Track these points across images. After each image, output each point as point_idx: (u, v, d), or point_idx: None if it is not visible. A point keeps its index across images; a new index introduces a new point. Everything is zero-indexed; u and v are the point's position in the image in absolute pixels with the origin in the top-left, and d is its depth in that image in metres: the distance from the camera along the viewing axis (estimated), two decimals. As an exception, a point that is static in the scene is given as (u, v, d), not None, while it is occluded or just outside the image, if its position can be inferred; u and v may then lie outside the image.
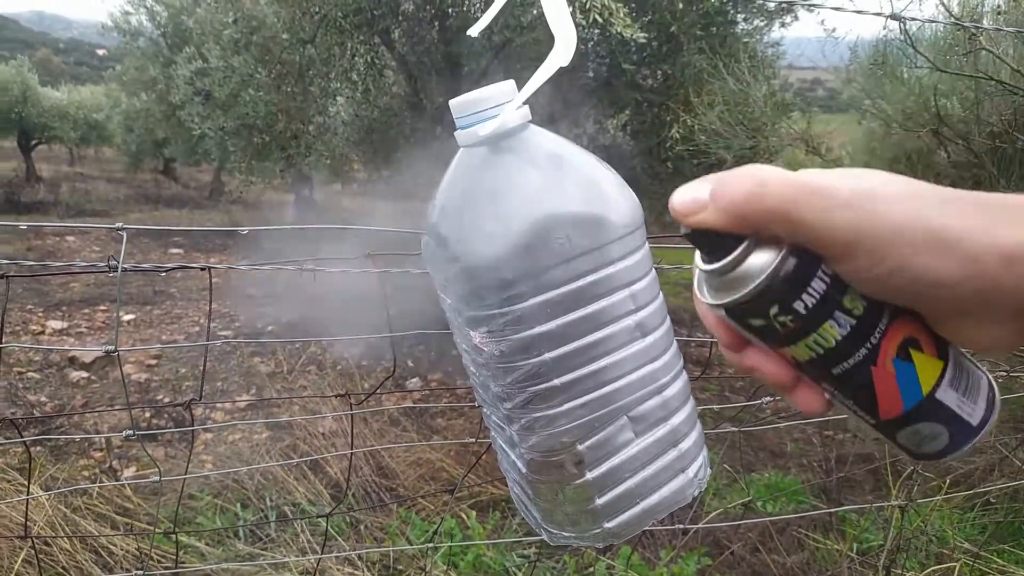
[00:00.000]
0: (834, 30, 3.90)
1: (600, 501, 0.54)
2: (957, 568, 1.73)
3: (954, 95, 3.11)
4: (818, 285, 0.34)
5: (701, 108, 4.00)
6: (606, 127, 5.37)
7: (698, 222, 0.34)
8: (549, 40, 0.52)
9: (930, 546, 2.07)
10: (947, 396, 0.36)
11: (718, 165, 4.35)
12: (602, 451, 0.53)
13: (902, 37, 3.02)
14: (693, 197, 0.34)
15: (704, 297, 0.37)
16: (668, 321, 0.58)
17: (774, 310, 0.34)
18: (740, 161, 4.30)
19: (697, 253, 0.37)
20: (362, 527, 2.63)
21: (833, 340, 0.35)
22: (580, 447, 0.53)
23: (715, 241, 0.35)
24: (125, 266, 0.95)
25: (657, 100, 5.08)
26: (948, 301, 0.33)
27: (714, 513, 2.39)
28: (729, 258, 0.35)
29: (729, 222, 0.34)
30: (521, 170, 0.52)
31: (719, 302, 0.36)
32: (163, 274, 0.95)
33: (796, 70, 5.83)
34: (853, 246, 0.32)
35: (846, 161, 3.89)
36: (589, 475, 0.54)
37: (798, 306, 0.34)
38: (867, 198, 0.32)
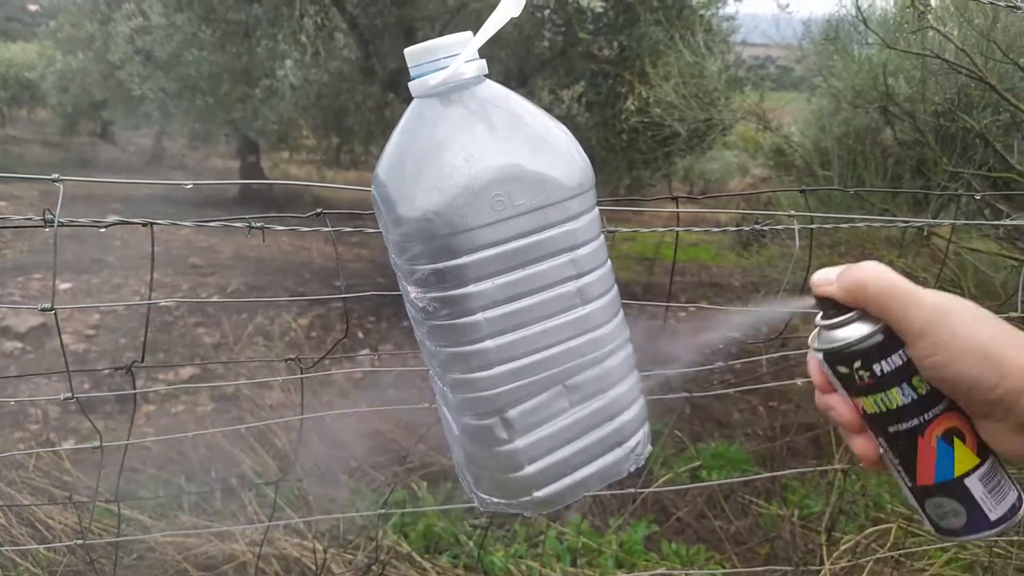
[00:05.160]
0: (787, 5, 3.93)
1: (530, 469, 0.53)
2: (893, 530, 1.80)
3: (901, 73, 3.17)
4: (896, 359, 0.46)
5: (656, 80, 4.00)
6: (561, 97, 5.34)
7: (824, 292, 0.48)
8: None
9: (868, 510, 2.14)
10: (974, 486, 0.46)
11: (672, 138, 4.36)
12: (534, 418, 0.52)
13: (854, 14, 3.06)
14: (826, 275, 0.48)
15: (813, 343, 0.49)
16: (614, 291, 0.56)
17: (857, 364, 0.46)
18: (694, 135, 4.34)
19: (819, 315, 0.49)
20: (311, 498, 2.60)
21: (895, 404, 0.46)
22: (511, 412, 0.52)
23: (833, 307, 0.47)
24: (62, 220, 0.89)
25: (613, 71, 5.06)
26: (981, 404, 0.44)
27: (661, 480, 2.43)
28: (839, 319, 0.47)
29: (843, 296, 0.47)
30: (469, 123, 0.50)
31: (823, 347, 0.48)
32: (102, 229, 0.90)
33: (749, 46, 5.88)
34: (921, 336, 0.44)
35: (796, 137, 3.95)
36: (519, 442, 0.52)
37: (876, 368, 0.46)
38: (941, 308, 0.44)
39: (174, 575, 2.04)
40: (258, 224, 1.10)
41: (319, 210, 1.11)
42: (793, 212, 1.14)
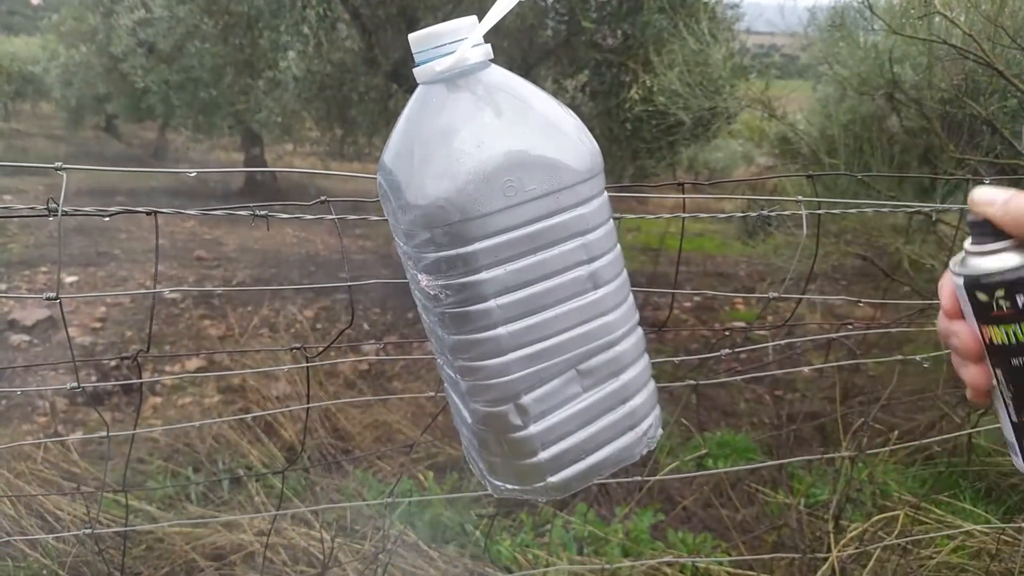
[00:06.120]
0: (792, -7, 3.90)
1: (544, 455, 0.53)
2: (900, 517, 1.80)
3: (907, 60, 3.15)
4: None
5: (661, 68, 3.97)
6: (564, 87, 5.31)
7: (984, 212, 0.47)
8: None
9: (875, 497, 2.14)
10: None
11: (677, 127, 4.34)
12: (547, 404, 0.52)
13: (860, 0, 3.04)
14: (991, 196, 0.47)
15: (955, 268, 0.49)
16: (624, 275, 0.56)
17: (1000, 292, 0.46)
18: (698, 123, 4.31)
19: (968, 239, 0.48)
20: (318, 489, 2.61)
21: None
22: (525, 398, 0.52)
23: (989, 231, 0.47)
24: (65, 209, 0.89)
25: (616, 60, 5.03)
26: None
27: (667, 468, 2.44)
28: (992, 246, 0.47)
29: (1006, 221, 0.46)
30: (476, 109, 0.50)
31: (966, 272, 0.47)
32: (107, 218, 0.91)
33: (754, 34, 5.84)
34: None
35: (802, 125, 3.93)
36: (533, 428, 0.52)
37: (1019, 298, 0.46)
38: None
39: (182, 565, 2.05)
40: (262, 212, 1.10)
41: (323, 198, 1.10)
42: (800, 198, 1.13)
